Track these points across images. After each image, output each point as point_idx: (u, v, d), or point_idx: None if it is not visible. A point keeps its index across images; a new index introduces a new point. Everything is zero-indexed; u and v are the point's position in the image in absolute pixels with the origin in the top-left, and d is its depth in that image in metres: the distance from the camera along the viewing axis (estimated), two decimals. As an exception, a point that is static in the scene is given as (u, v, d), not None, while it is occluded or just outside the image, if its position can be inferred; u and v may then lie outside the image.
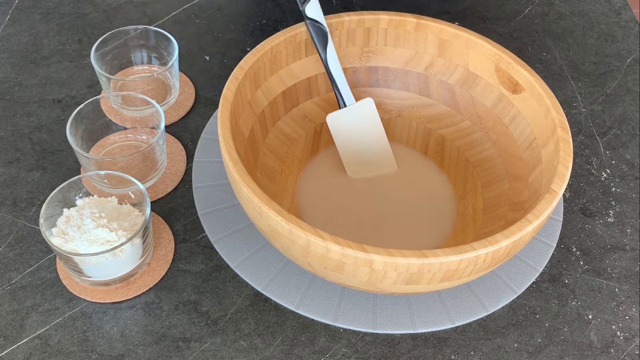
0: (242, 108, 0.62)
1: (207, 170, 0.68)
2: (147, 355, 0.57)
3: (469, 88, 0.68)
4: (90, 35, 0.81)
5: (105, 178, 0.62)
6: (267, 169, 0.65)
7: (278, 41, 0.64)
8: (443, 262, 0.50)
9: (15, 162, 0.69)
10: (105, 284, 0.59)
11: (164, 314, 0.59)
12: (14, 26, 0.82)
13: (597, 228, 0.67)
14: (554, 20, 0.88)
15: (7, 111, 0.73)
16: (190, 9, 0.85)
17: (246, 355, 0.57)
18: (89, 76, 0.77)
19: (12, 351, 0.56)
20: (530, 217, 0.53)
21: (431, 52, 0.68)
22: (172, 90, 0.73)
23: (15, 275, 0.61)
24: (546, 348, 0.59)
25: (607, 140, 0.75)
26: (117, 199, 0.61)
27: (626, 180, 0.71)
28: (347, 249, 0.49)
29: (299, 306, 0.59)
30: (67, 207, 0.59)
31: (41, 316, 0.58)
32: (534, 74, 0.63)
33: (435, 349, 0.58)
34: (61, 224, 0.58)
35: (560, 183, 0.55)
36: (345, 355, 0.57)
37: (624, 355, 0.59)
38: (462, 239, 0.63)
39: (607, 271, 0.64)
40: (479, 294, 0.61)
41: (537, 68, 0.82)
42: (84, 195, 0.61)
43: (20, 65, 0.78)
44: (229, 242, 0.63)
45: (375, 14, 0.67)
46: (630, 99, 0.79)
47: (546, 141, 0.60)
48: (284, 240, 0.53)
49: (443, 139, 0.70)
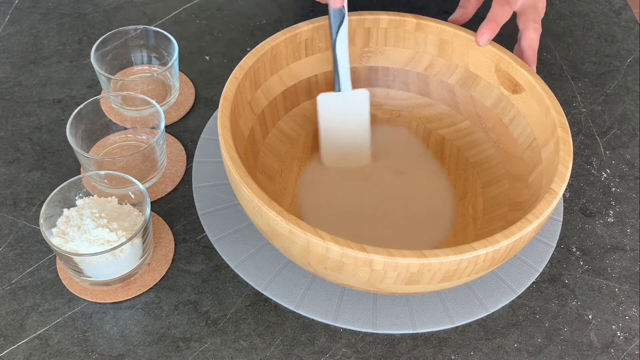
0: (242, 108, 0.62)
1: (207, 170, 0.68)
2: (147, 355, 0.57)
3: (469, 88, 0.68)
4: (90, 35, 0.81)
5: (105, 178, 0.62)
6: (267, 169, 0.65)
7: (278, 41, 0.64)
8: (443, 262, 0.50)
9: (15, 162, 0.69)
10: (106, 284, 0.59)
11: (164, 314, 0.59)
12: (14, 26, 0.82)
13: (597, 228, 0.67)
14: (554, 20, 0.88)
15: (7, 111, 0.73)
16: (190, 9, 0.85)
17: (246, 355, 0.57)
18: (89, 76, 0.77)
19: (12, 351, 0.56)
20: (530, 217, 0.53)
21: (431, 52, 0.68)
22: (172, 90, 0.73)
23: (15, 275, 0.61)
24: (546, 348, 0.59)
25: (607, 140, 0.75)
26: (117, 199, 0.61)
27: (626, 180, 0.71)
28: (347, 249, 0.49)
29: (299, 306, 0.59)
30: (67, 207, 0.59)
31: (41, 316, 0.58)
32: (534, 74, 0.63)
33: (435, 349, 0.58)
34: (61, 224, 0.58)
35: (560, 183, 0.55)
36: (345, 355, 0.57)
37: (624, 355, 0.59)
38: (462, 239, 0.63)
39: (607, 271, 0.64)
40: (479, 294, 0.61)
41: (537, 68, 0.82)
42: (84, 195, 0.61)
43: (20, 65, 0.78)
44: (229, 242, 0.63)
45: (375, 14, 0.67)
46: (630, 99, 0.79)
47: (546, 141, 0.60)
48: (283, 240, 0.53)
49: (443, 139, 0.70)
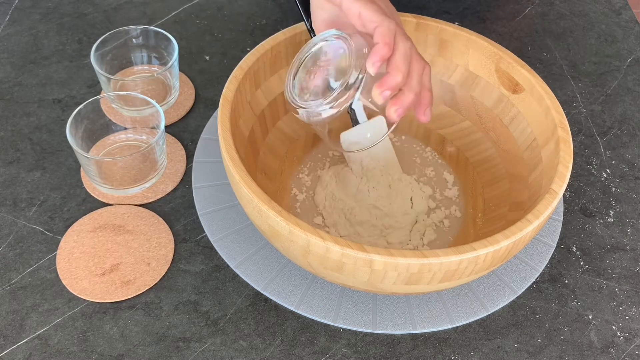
0: (242, 108, 0.62)
1: (207, 170, 0.68)
2: (147, 355, 0.57)
3: (469, 88, 0.68)
4: (90, 35, 0.81)
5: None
6: (267, 169, 0.65)
7: (278, 41, 0.64)
8: (443, 262, 0.49)
9: (15, 162, 0.69)
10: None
11: (163, 314, 0.59)
12: (14, 26, 0.82)
13: (597, 228, 0.67)
14: (554, 20, 0.88)
15: (7, 111, 0.73)
16: (190, 9, 0.85)
17: (246, 355, 0.57)
18: (89, 76, 0.77)
19: (12, 351, 0.56)
20: (530, 217, 0.53)
21: (431, 52, 0.68)
22: (172, 90, 0.73)
23: (15, 275, 0.61)
24: (546, 348, 0.59)
25: (607, 140, 0.75)
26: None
27: (626, 180, 0.71)
28: (347, 249, 0.49)
29: (299, 306, 0.59)
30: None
31: (41, 316, 0.58)
32: (534, 74, 0.63)
33: (435, 349, 0.58)
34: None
35: (560, 183, 0.55)
36: (345, 355, 0.57)
37: (624, 355, 0.59)
38: (462, 239, 0.63)
39: (607, 271, 0.64)
40: (479, 294, 0.61)
41: (537, 68, 0.82)
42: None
43: (20, 65, 0.78)
44: (229, 242, 0.63)
45: (375, 14, 0.67)
46: (630, 99, 0.79)
47: (546, 141, 0.60)
48: (283, 240, 0.53)
49: (443, 139, 0.70)
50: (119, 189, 0.65)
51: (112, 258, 0.61)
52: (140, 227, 0.64)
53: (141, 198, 0.66)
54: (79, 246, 0.62)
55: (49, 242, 0.63)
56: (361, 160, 0.67)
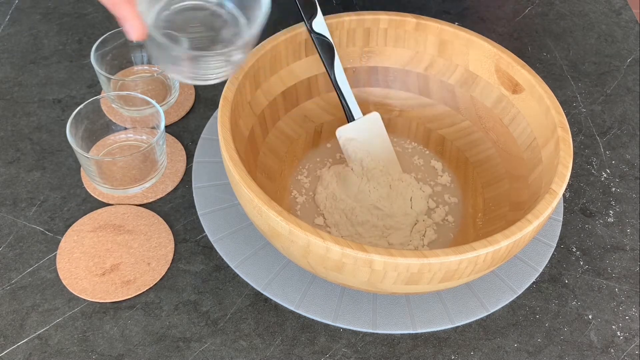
0: (242, 108, 0.62)
1: (207, 170, 0.68)
2: (147, 355, 0.57)
3: (469, 88, 0.68)
4: (90, 35, 0.81)
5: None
6: (267, 169, 0.65)
7: (278, 41, 0.64)
8: (443, 262, 0.49)
9: (15, 162, 0.69)
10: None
11: (164, 314, 0.59)
12: (14, 26, 0.82)
13: (597, 228, 0.67)
14: (554, 20, 0.88)
15: (7, 111, 0.73)
16: (190, 9, 0.85)
17: (246, 355, 0.57)
18: (89, 76, 0.77)
19: (12, 351, 0.56)
20: (530, 217, 0.53)
21: (431, 52, 0.68)
22: (172, 90, 0.73)
23: (15, 275, 0.61)
24: (546, 348, 0.59)
25: (607, 140, 0.75)
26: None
27: (626, 180, 0.71)
28: (347, 249, 0.49)
29: (299, 306, 0.59)
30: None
31: (41, 316, 0.58)
32: (534, 74, 0.63)
33: (435, 349, 0.58)
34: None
35: (560, 183, 0.55)
36: (345, 355, 0.57)
37: (624, 355, 0.59)
38: (462, 239, 0.63)
39: (607, 271, 0.64)
40: (479, 294, 0.61)
41: (537, 68, 0.82)
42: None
43: (20, 65, 0.78)
44: (229, 242, 0.63)
45: (375, 14, 0.67)
46: (630, 99, 0.79)
47: (546, 141, 0.60)
48: (283, 240, 0.53)
49: (443, 139, 0.70)
50: (119, 189, 0.65)
51: (112, 258, 0.61)
52: (140, 227, 0.64)
53: (141, 198, 0.66)
54: (79, 246, 0.62)
55: (49, 242, 0.63)
56: (361, 160, 0.67)
